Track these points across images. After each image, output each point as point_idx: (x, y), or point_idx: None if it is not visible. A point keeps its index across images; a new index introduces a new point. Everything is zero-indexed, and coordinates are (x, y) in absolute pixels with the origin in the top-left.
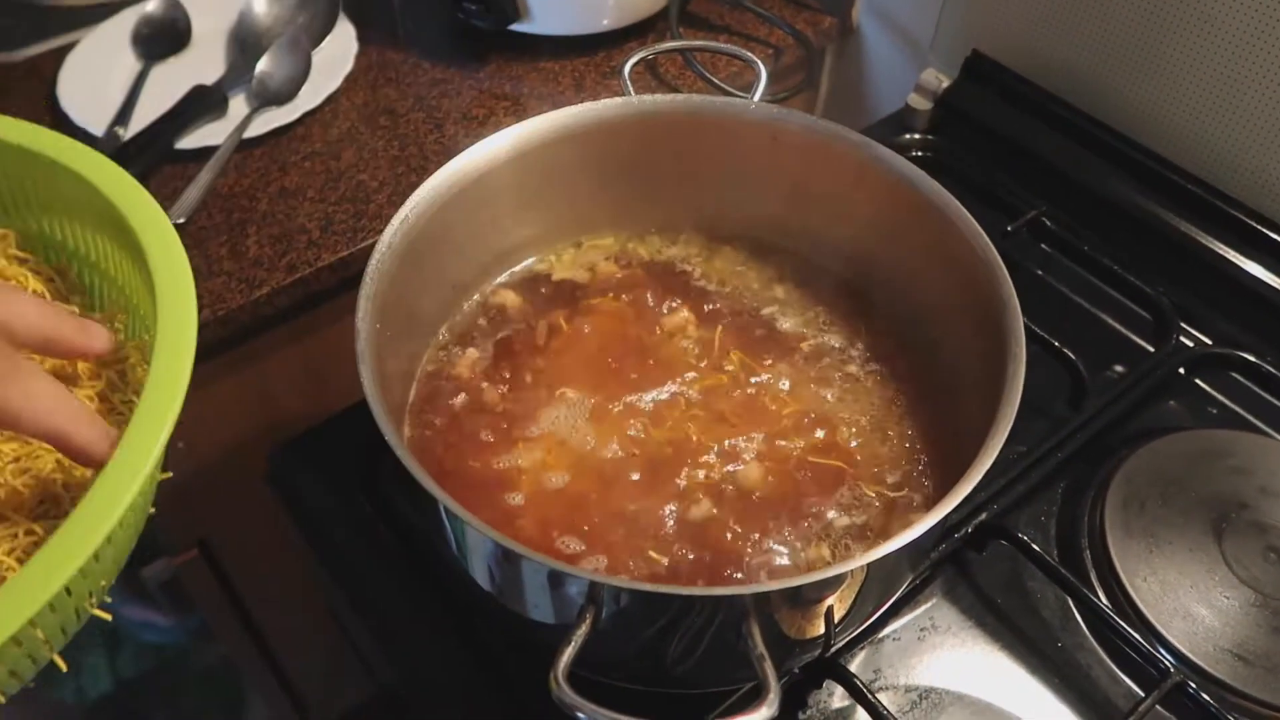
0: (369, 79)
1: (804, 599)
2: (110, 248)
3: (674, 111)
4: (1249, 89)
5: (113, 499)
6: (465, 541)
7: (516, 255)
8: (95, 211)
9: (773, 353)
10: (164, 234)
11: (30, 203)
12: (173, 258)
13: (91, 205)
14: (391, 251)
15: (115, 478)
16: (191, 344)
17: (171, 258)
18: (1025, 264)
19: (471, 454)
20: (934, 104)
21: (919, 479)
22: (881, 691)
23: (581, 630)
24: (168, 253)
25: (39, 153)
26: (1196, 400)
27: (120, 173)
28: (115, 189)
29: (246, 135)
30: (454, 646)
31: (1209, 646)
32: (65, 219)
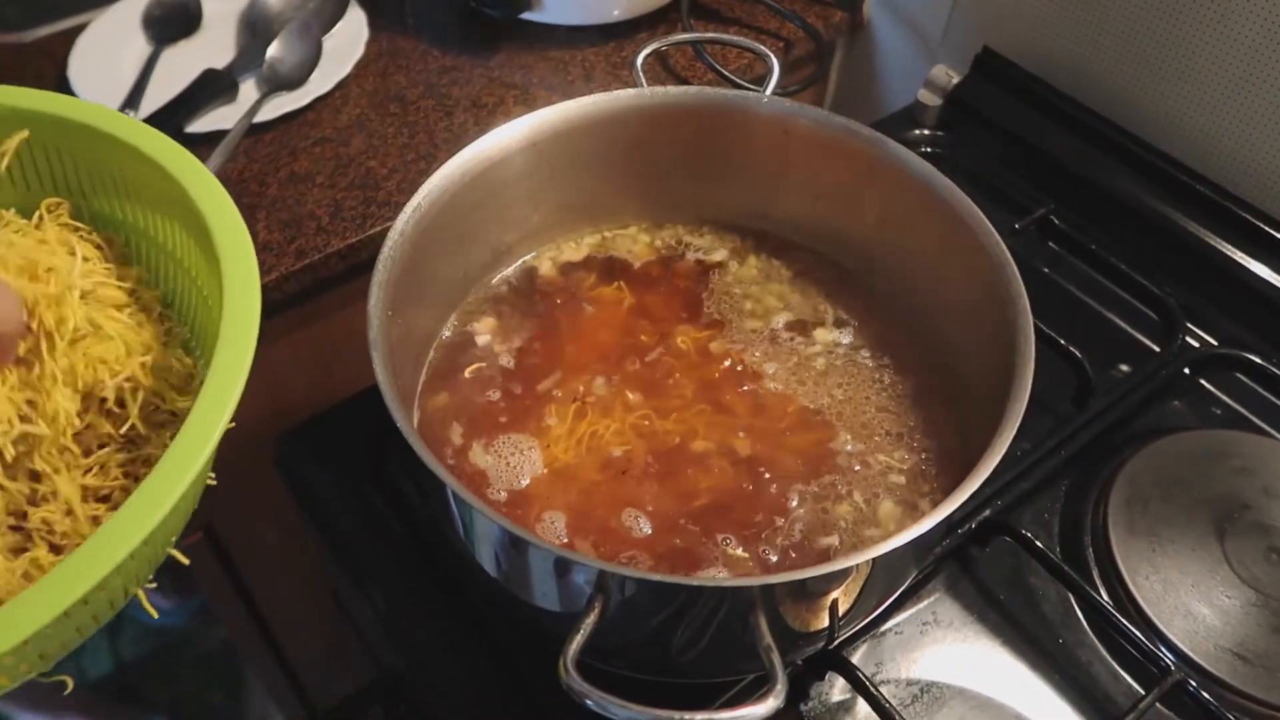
0: (379, 66)
1: (810, 591)
2: (169, 224)
3: (686, 104)
4: (1261, 90)
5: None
6: (473, 527)
7: (526, 244)
8: (157, 190)
9: (780, 345)
10: (221, 204)
11: (92, 182)
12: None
13: (153, 184)
14: (404, 239)
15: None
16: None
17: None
18: (1033, 262)
19: (480, 440)
20: (943, 100)
21: (925, 474)
22: (883, 684)
23: (590, 619)
24: (232, 231)
25: (107, 133)
26: (1201, 400)
27: (185, 153)
28: (179, 168)
29: (256, 120)
30: (460, 632)
31: (1210, 645)
32: (127, 198)
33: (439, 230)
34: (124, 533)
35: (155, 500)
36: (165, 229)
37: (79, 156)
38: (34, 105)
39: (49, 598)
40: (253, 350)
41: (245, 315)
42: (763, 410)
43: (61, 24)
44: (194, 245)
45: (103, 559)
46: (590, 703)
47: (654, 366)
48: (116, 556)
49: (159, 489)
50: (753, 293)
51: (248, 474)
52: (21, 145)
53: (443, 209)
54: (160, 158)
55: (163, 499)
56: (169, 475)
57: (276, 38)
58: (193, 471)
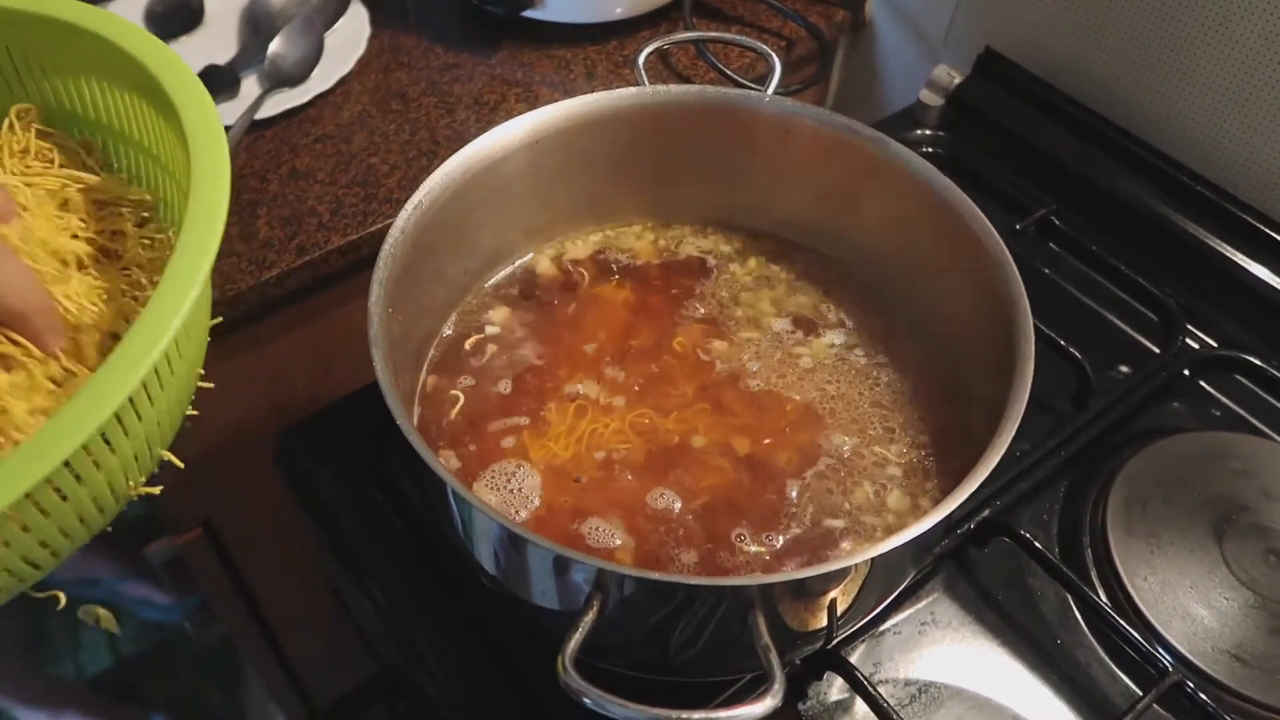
0: (381, 62)
1: (808, 591)
2: (139, 108)
3: (689, 103)
4: (1261, 92)
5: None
6: (472, 525)
7: (528, 242)
8: (119, 73)
9: (781, 345)
10: (190, 85)
11: (51, 73)
12: (204, 111)
13: (116, 67)
14: (405, 236)
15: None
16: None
17: (203, 111)
18: (1033, 262)
19: (478, 439)
20: (945, 100)
21: (925, 473)
22: (881, 684)
23: (589, 617)
24: (198, 105)
25: (57, 18)
26: (1200, 402)
27: (141, 31)
28: (139, 47)
29: (258, 116)
30: (459, 630)
31: (1207, 647)
32: (89, 87)
33: (440, 228)
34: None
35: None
36: (140, 121)
37: (45, 58)
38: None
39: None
40: (225, 207)
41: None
42: (763, 409)
43: None
44: (173, 138)
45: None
46: (588, 701)
47: (654, 365)
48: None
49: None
50: (754, 292)
51: (247, 471)
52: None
53: (444, 206)
54: (118, 38)
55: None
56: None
57: (278, 34)
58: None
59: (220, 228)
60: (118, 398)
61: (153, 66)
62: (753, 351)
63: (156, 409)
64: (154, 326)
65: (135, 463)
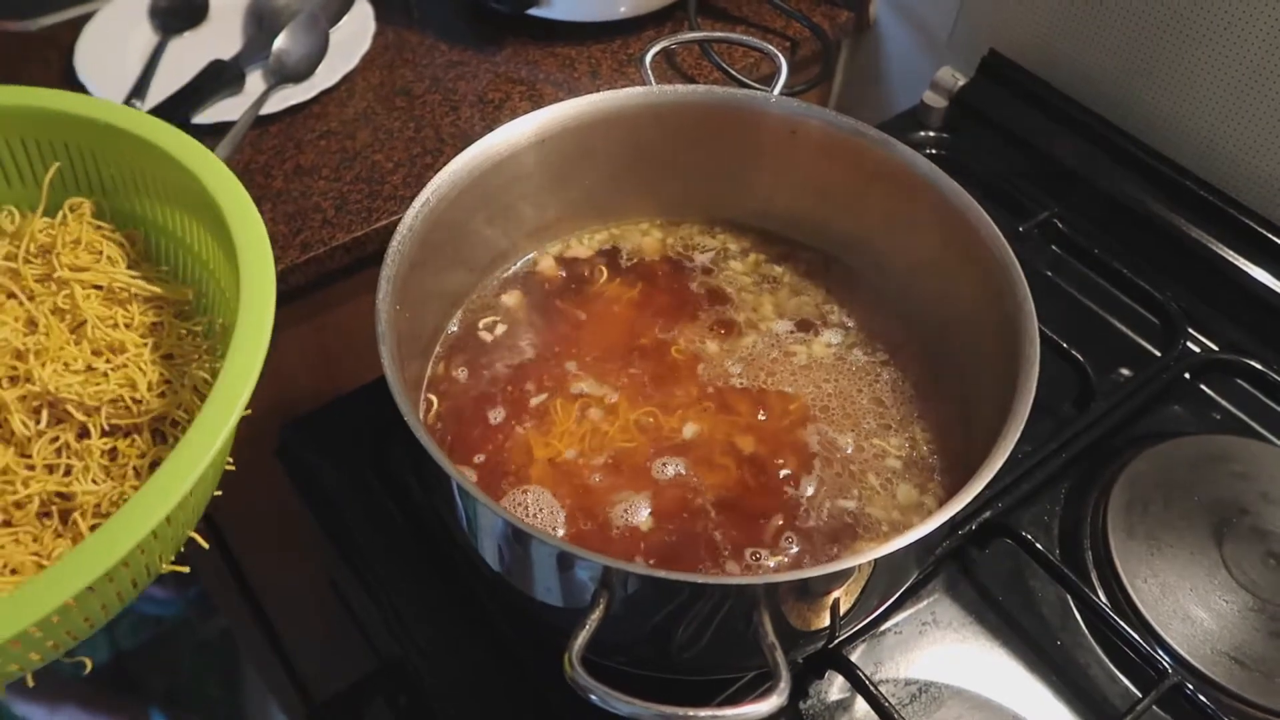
0: (386, 59)
1: (813, 591)
2: (190, 221)
3: (695, 102)
4: (1264, 96)
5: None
6: (477, 521)
7: (534, 241)
8: (173, 183)
9: (785, 344)
10: (242, 204)
11: (110, 174)
12: (253, 233)
13: (170, 178)
14: (413, 234)
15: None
16: (272, 304)
17: (252, 233)
18: (1036, 265)
19: (484, 434)
20: (949, 102)
21: (928, 474)
22: (882, 684)
23: (595, 615)
24: (250, 231)
25: (120, 128)
26: (1201, 405)
27: (205, 152)
28: (196, 162)
29: (263, 112)
30: (461, 625)
31: (1207, 649)
32: (145, 190)
33: (447, 226)
34: (145, 512)
35: (175, 478)
36: (184, 224)
37: (100, 155)
38: (55, 105)
39: (72, 575)
40: (268, 337)
41: (260, 304)
42: (767, 408)
43: (68, 13)
44: (211, 240)
45: (125, 537)
46: (595, 698)
47: (659, 363)
48: (139, 534)
49: (178, 468)
50: (758, 292)
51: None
52: (45, 146)
53: (451, 204)
54: (178, 153)
55: (183, 477)
56: (188, 456)
57: (283, 30)
58: (210, 452)
59: (262, 358)
60: (158, 516)
61: (209, 185)
62: (757, 350)
63: (192, 501)
64: (195, 451)
65: (170, 544)
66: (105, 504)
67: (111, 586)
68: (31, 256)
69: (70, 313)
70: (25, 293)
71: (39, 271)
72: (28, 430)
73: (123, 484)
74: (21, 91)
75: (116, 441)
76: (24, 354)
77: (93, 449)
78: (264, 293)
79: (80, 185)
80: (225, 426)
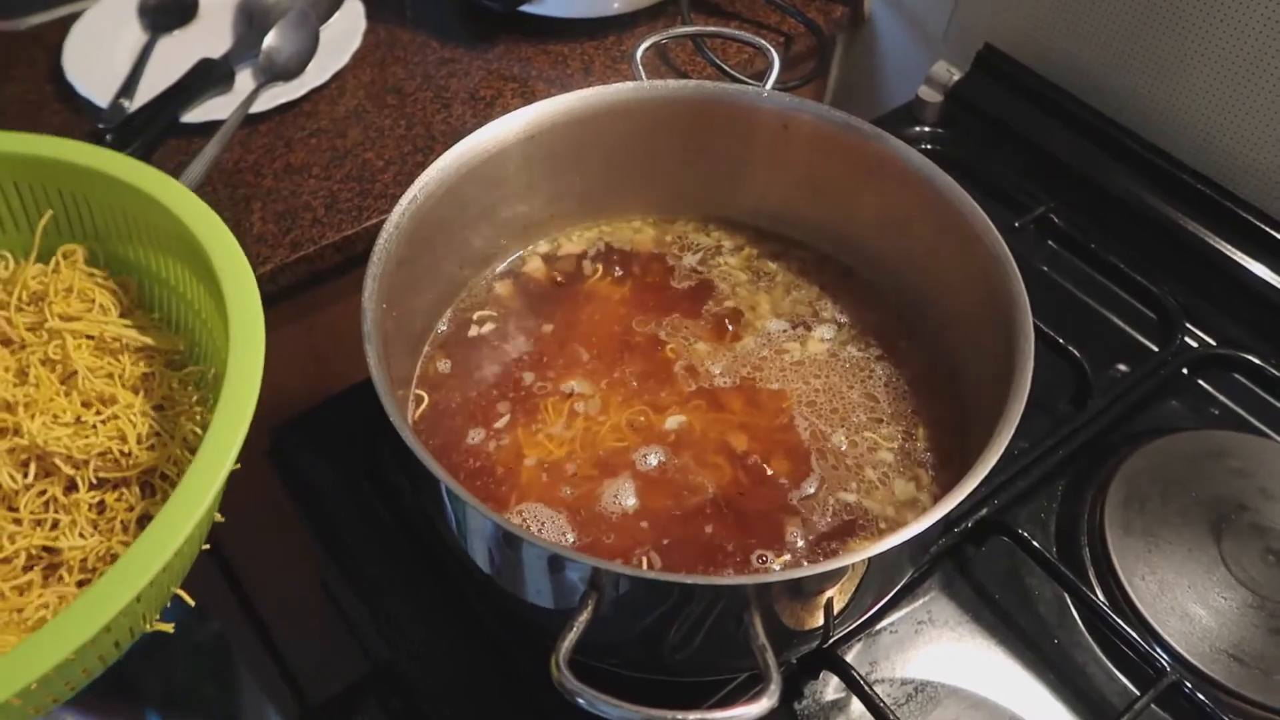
0: (377, 57)
1: (805, 590)
2: (182, 269)
3: (686, 98)
4: (1261, 89)
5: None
6: (466, 523)
7: (524, 238)
8: (164, 230)
9: (778, 341)
10: (235, 261)
11: (103, 221)
12: (245, 290)
13: (161, 225)
14: (399, 232)
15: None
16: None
17: (244, 290)
18: (1032, 260)
19: (474, 433)
20: (944, 97)
21: (923, 472)
22: (878, 684)
23: (583, 616)
24: (240, 283)
25: (111, 175)
26: (1199, 401)
27: (195, 200)
28: (191, 216)
29: (252, 110)
30: (452, 627)
31: (1205, 646)
32: (136, 236)
33: (435, 223)
34: (128, 577)
35: (161, 540)
36: (176, 272)
37: (92, 201)
38: (48, 152)
39: (51, 645)
40: (257, 391)
41: (249, 358)
42: (759, 406)
43: (56, 11)
44: (202, 289)
45: (109, 604)
46: (582, 701)
47: (651, 362)
48: (123, 599)
49: (164, 530)
50: (752, 289)
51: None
52: (38, 191)
53: (439, 202)
54: (167, 200)
55: (166, 543)
56: (174, 517)
57: (273, 27)
58: (198, 512)
59: (250, 412)
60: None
61: (201, 237)
62: (750, 348)
63: (178, 561)
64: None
65: (155, 603)
66: (92, 559)
67: (93, 650)
68: (23, 304)
69: (61, 363)
70: (17, 342)
71: (30, 320)
72: (15, 484)
73: (110, 539)
74: (15, 138)
75: (105, 495)
76: (13, 406)
77: (80, 503)
78: (253, 346)
79: (74, 231)
80: (213, 485)
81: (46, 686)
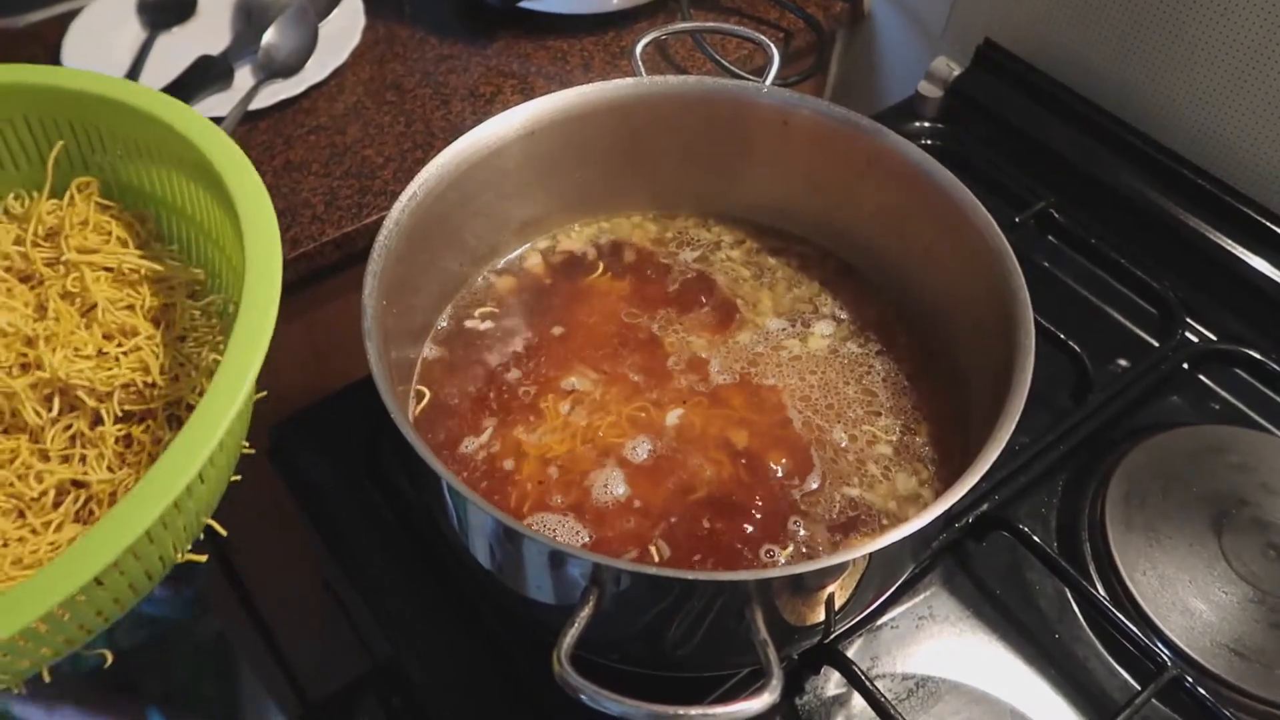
0: (376, 53)
1: (806, 586)
2: (201, 197)
3: (686, 94)
4: (1261, 84)
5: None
6: (467, 519)
7: (524, 234)
8: (180, 159)
9: (778, 337)
10: (247, 179)
11: (111, 150)
12: (262, 215)
13: (177, 153)
14: (399, 229)
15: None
16: (278, 283)
17: (260, 215)
18: (1032, 256)
19: (474, 429)
20: (944, 92)
21: (923, 466)
22: (879, 679)
23: (585, 612)
24: (257, 208)
25: (125, 103)
26: (1200, 396)
27: (213, 128)
28: (202, 138)
29: (251, 107)
30: (453, 624)
31: (1206, 641)
32: (152, 167)
33: (435, 220)
34: (150, 500)
35: (181, 462)
36: (194, 201)
37: (105, 131)
38: (56, 81)
39: (76, 568)
40: (274, 315)
41: (266, 281)
42: (760, 402)
43: (55, 9)
44: (222, 215)
45: (129, 527)
46: (584, 697)
47: (650, 357)
48: (144, 523)
49: (184, 452)
50: (753, 285)
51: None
52: (48, 124)
53: (439, 198)
54: (182, 127)
55: (189, 461)
56: (193, 439)
57: (272, 24)
58: (216, 434)
59: (268, 335)
60: (164, 502)
61: (215, 160)
62: (750, 344)
63: (205, 487)
64: (201, 434)
65: (184, 533)
66: (121, 492)
67: (122, 579)
68: (39, 239)
69: (80, 296)
70: (35, 277)
71: (47, 255)
72: (40, 419)
73: (138, 471)
74: (20, 69)
75: (130, 428)
76: (34, 340)
77: (106, 436)
78: (270, 270)
79: (88, 164)
80: (232, 407)
81: (75, 613)
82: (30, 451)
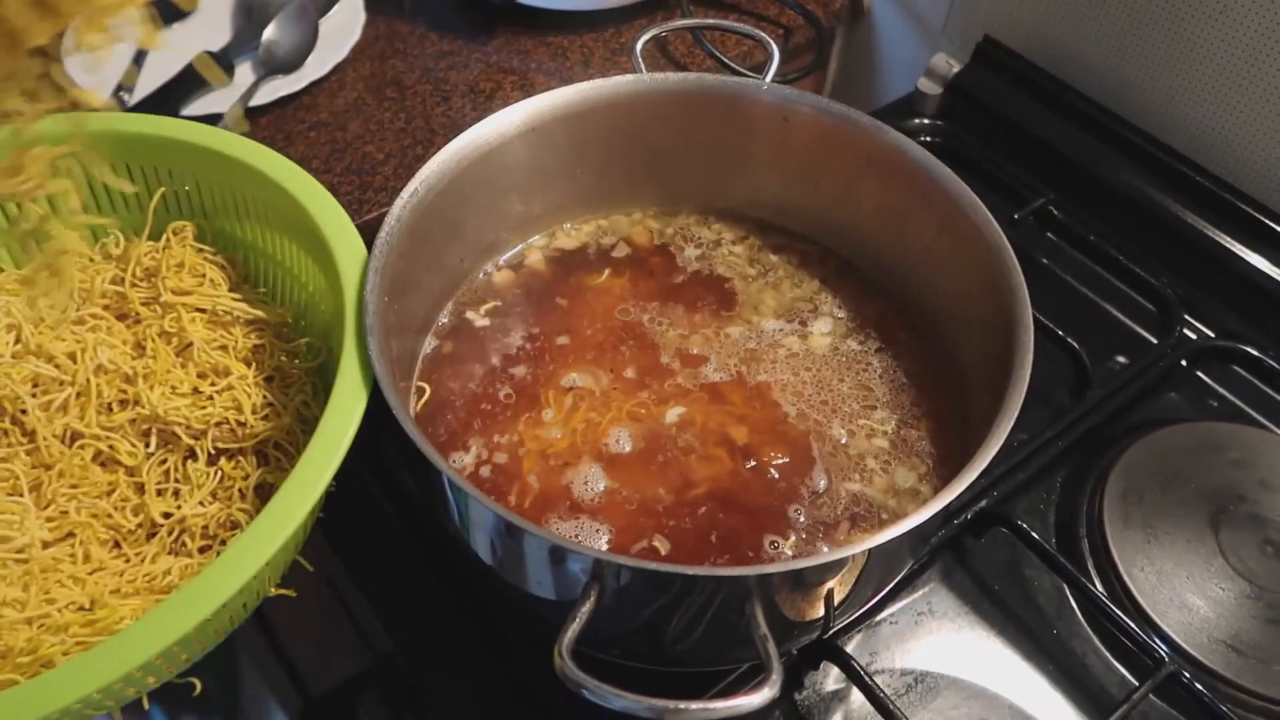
0: (376, 50)
1: (806, 582)
2: (289, 244)
3: (686, 90)
4: (1260, 81)
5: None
6: (468, 515)
7: (524, 231)
8: (277, 210)
9: (777, 334)
10: (342, 224)
11: (212, 198)
12: (354, 250)
13: (275, 205)
14: (401, 225)
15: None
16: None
17: (353, 250)
18: (1031, 252)
19: (475, 425)
20: (944, 89)
21: (922, 462)
22: (878, 674)
23: (586, 607)
24: (352, 254)
25: (226, 154)
26: (1198, 393)
27: (305, 176)
28: (302, 191)
29: (252, 104)
30: (455, 620)
31: (1203, 637)
32: (244, 212)
33: (436, 216)
34: (259, 543)
35: (292, 504)
36: (282, 246)
37: (200, 179)
38: (158, 131)
39: (200, 601)
40: (371, 376)
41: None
42: (760, 398)
43: None
44: (310, 261)
45: (245, 566)
46: (586, 691)
47: (651, 354)
48: (256, 564)
49: (295, 495)
50: (752, 282)
51: None
52: (148, 171)
53: (440, 195)
54: (277, 176)
55: (295, 510)
56: (303, 483)
57: (272, 20)
58: (319, 487)
59: (370, 383)
60: (277, 542)
61: (313, 210)
62: (750, 341)
63: (303, 528)
64: (311, 476)
65: (278, 569)
66: (213, 525)
67: (224, 611)
68: (137, 280)
69: (176, 335)
70: (133, 316)
71: (145, 295)
72: (135, 457)
73: (229, 506)
74: (124, 118)
75: (222, 464)
76: (133, 378)
77: (202, 472)
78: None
79: (182, 209)
80: (336, 454)
81: (185, 645)
82: (128, 485)
